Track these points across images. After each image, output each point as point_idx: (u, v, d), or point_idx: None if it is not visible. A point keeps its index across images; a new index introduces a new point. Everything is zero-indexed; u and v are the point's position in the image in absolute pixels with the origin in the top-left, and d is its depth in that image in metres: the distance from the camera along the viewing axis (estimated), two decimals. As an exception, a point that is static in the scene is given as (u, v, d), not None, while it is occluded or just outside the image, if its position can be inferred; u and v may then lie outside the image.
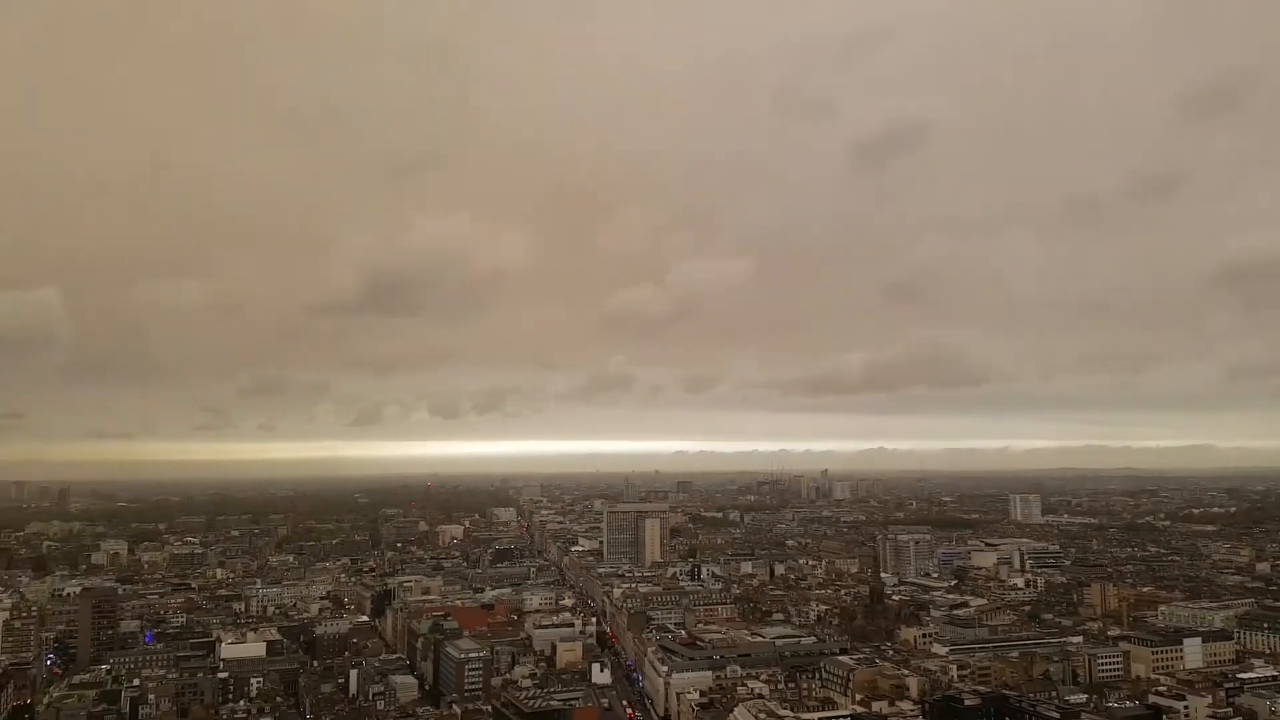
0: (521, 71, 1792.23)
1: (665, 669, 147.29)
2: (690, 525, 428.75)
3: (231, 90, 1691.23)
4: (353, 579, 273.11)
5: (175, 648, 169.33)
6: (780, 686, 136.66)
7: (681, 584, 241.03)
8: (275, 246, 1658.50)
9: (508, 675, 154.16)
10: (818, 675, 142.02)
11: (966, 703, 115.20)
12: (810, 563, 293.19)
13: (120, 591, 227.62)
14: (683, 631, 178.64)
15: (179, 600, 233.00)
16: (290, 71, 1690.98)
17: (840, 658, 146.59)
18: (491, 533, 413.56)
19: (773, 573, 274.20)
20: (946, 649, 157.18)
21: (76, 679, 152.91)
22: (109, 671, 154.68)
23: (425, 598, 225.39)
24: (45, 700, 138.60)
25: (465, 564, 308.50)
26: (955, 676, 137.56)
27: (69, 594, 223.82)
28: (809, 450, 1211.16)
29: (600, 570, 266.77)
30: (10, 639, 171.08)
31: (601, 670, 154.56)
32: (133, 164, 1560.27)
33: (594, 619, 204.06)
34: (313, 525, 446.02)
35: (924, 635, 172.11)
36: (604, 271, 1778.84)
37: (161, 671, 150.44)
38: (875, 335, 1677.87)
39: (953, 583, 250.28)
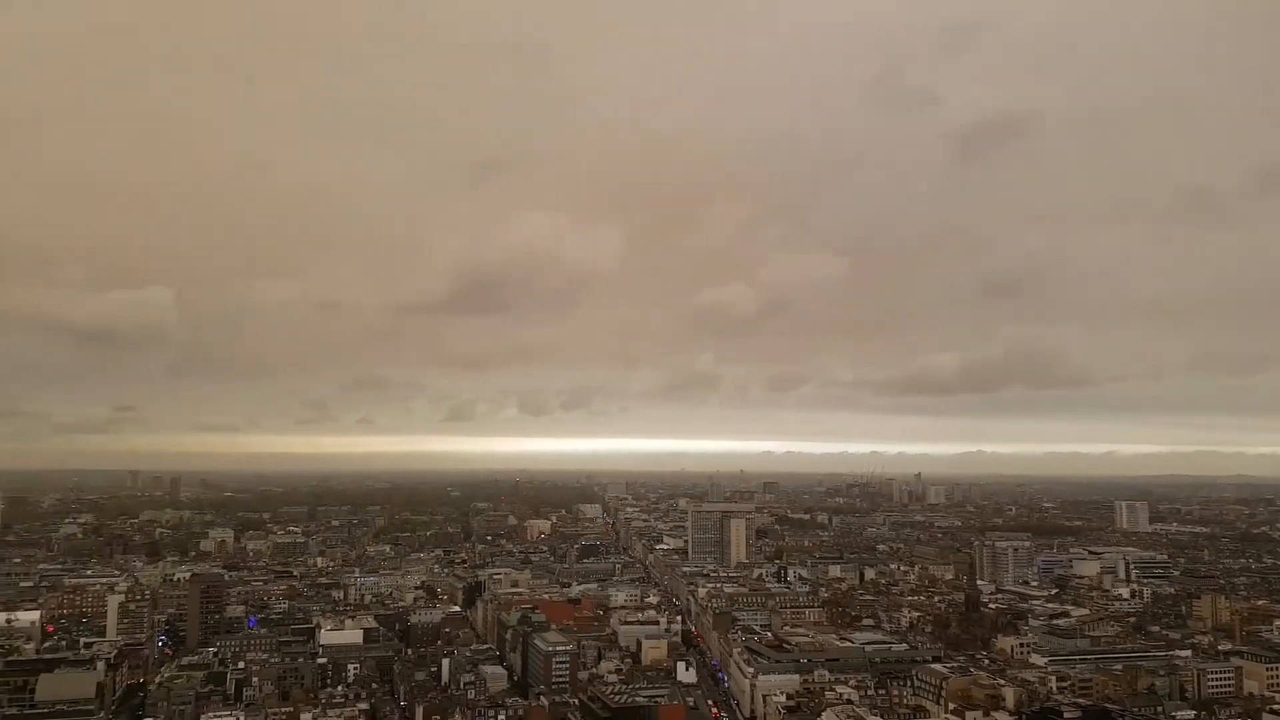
0: (611, 68, 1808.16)
1: (751, 670, 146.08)
2: (776, 527, 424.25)
3: (327, 95, 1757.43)
4: (445, 570, 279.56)
5: (278, 633, 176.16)
6: (870, 693, 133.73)
7: (767, 585, 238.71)
8: (371, 247, 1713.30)
9: (594, 670, 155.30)
10: (909, 683, 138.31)
11: (1066, 716, 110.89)
12: (902, 568, 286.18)
13: (227, 578, 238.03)
14: (769, 633, 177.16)
15: (281, 587, 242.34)
16: (382, 75, 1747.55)
17: (933, 665, 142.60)
18: (578, 528, 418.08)
19: (862, 577, 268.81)
20: (1045, 660, 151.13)
21: (185, 660, 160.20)
22: (215, 654, 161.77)
23: (514, 590, 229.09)
24: (157, 680, 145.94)
25: (552, 558, 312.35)
26: (1054, 688, 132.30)
27: (179, 579, 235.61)
28: (901, 453, 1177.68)
29: (685, 569, 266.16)
30: (125, 620, 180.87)
31: (687, 669, 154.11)
32: (237, 169, 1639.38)
33: (679, 617, 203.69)
34: (408, 517, 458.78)
35: (1022, 645, 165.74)
36: (692, 269, 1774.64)
37: (264, 655, 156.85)
38: (972, 333, 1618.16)
39: (1053, 592, 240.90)
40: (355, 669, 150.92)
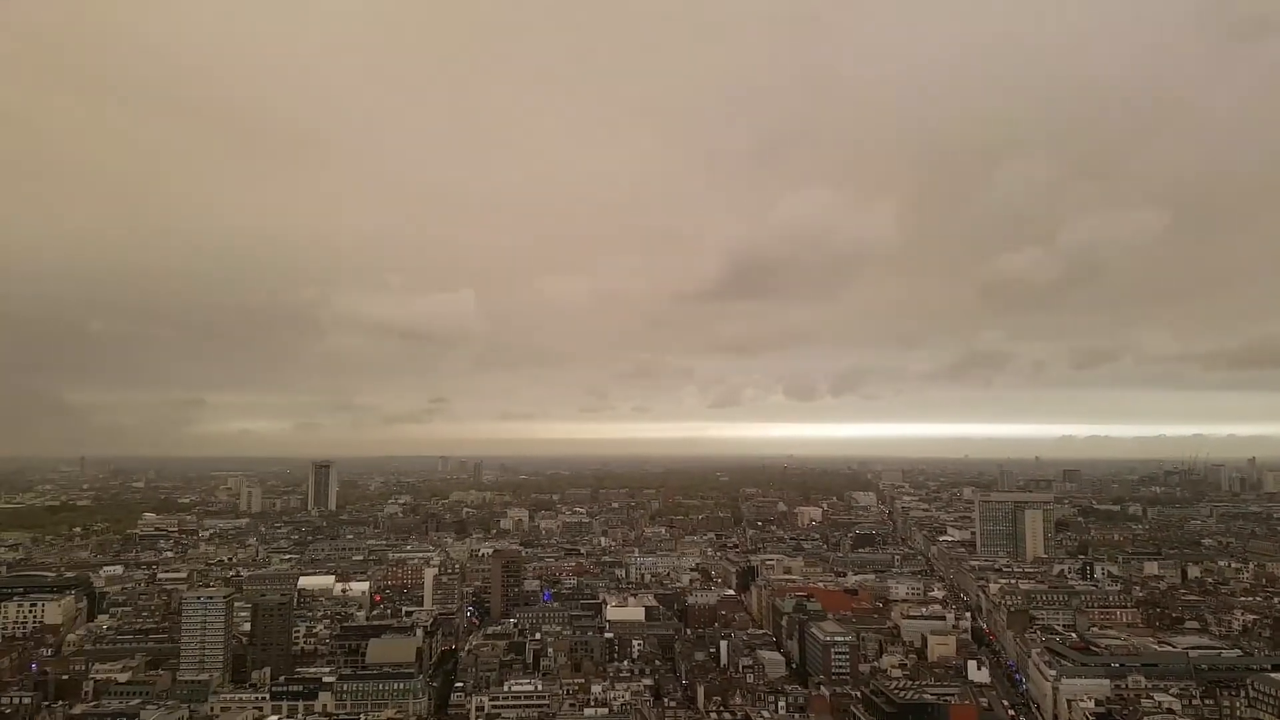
0: (878, 27, 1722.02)
1: (1054, 673, 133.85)
2: (1079, 519, 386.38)
3: (603, 93, 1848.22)
4: (718, 553, 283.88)
5: (569, 607, 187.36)
6: (1195, 703, 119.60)
7: (1070, 583, 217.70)
8: (651, 239, 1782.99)
9: (875, 663, 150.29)
10: (1243, 693, 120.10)
11: None
12: (1233, 565, 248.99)
13: (523, 554, 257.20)
14: (1073, 634, 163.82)
15: (571, 564, 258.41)
16: (651, 62, 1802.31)
17: (1272, 675, 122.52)
18: (851, 516, 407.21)
19: (1185, 575, 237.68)
20: None
21: (490, 630, 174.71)
22: (515, 625, 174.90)
23: (787, 577, 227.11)
24: (466, 647, 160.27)
25: (825, 546, 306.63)
26: None
27: (483, 554, 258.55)
28: (1232, 435, 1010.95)
29: (973, 563, 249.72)
30: (439, 592, 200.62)
31: (979, 668, 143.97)
32: (528, 176, 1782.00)
33: (967, 614, 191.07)
34: (680, 501, 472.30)
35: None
36: (979, 237, 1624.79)
37: (558, 628, 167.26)
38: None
39: None
40: (639, 645, 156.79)
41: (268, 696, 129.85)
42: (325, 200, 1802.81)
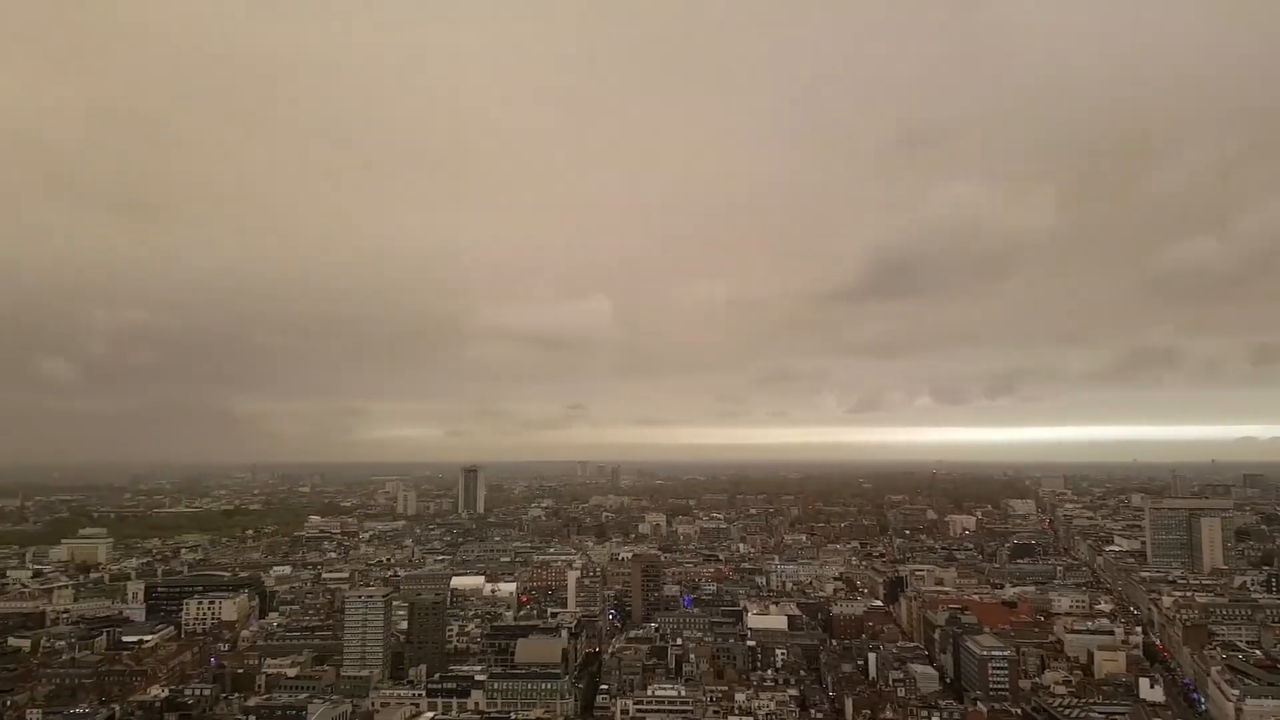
0: (1037, 15, 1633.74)
1: (1237, 693, 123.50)
2: (1263, 526, 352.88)
3: (742, 91, 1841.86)
4: (863, 563, 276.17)
5: (709, 613, 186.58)
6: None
7: (1254, 596, 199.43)
8: (787, 240, 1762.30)
9: (1037, 679, 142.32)
10: None
11: None
12: None
13: (662, 559, 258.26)
14: (1257, 651, 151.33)
15: (710, 570, 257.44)
16: (792, 56, 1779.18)
17: None
18: (1007, 525, 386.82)
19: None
20: None
21: (632, 633, 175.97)
22: (656, 629, 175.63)
23: (939, 588, 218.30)
24: (609, 650, 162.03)
25: (980, 557, 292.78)
26: None
27: (622, 558, 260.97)
28: None
29: (1144, 574, 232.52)
30: (581, 594, 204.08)
31: (1152, 686, 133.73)
32: (663, 180, 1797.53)
33: (1138, 629, 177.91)
34: (821, 508, 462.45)
35: None
36: (1149, 225, 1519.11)
37: (699, 634, 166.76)
38: None
39: None
40: (782, 655, 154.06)
41: (424, 693, 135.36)
42: (471, 212, 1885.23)
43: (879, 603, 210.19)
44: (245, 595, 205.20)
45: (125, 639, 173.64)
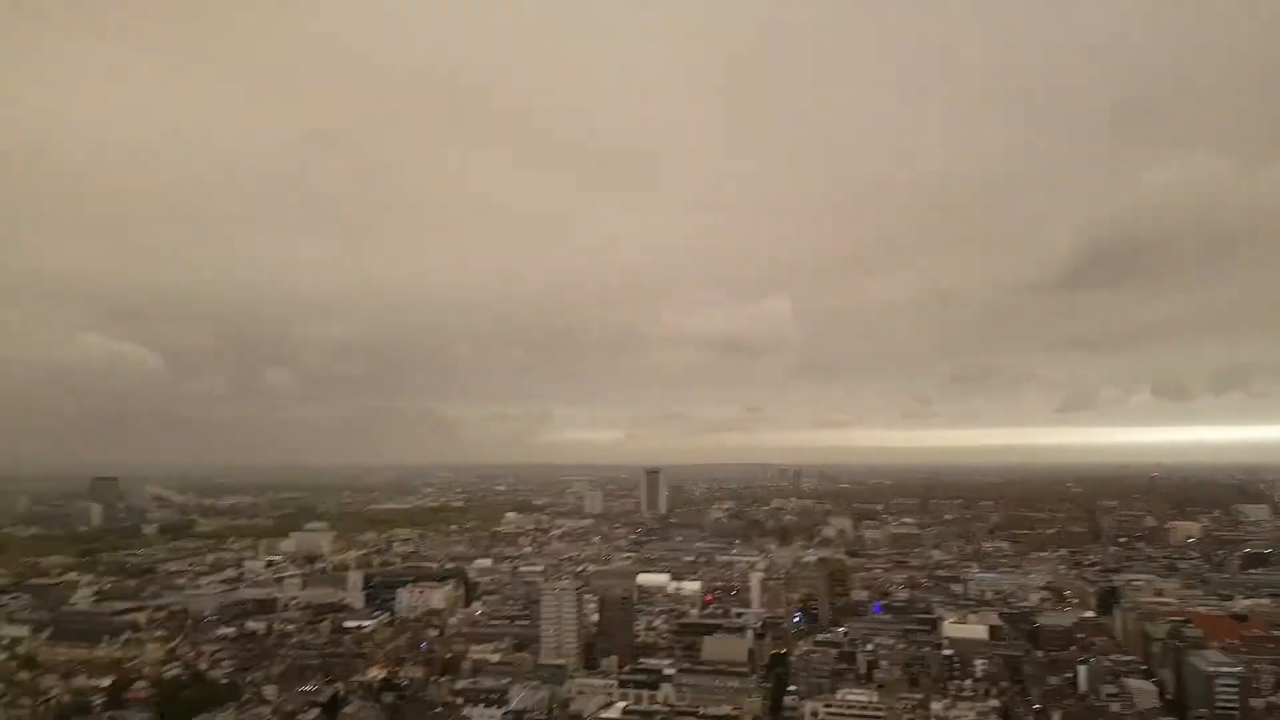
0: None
1: None
2: None
3: (937, 66, 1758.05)
4: (1072, 572, 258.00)
5: (901, 620, 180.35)
6: None
7: None
8: (986, 229, 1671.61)
9: (1271, 698, 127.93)
10: None
11: None
12: None
13: (849, 563, 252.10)
14: None
15: (901, 576, 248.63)
16: (994, 21, 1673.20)
17: None
18: (1238, 533, 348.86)
19: None
20: None
21: (819, 637, 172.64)
22: (845, 634, 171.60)
23: (1158, 600, 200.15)
24: (796, 652, 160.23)
25: (1207, 566, 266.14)
26: None
27: (806, 562, 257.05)
28: None
29: None
30: (765, 595, 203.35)
31: None
32: (855, 173, 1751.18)
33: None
34: (1024, 513, 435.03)
35: None
36: None
37: (891, 641, 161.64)
38: None
39: None
40: (983, 665, 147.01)
41: (616, 684, 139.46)
42: (655, 218, 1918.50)
43: (1090, 614, 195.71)
44: (452, 585, 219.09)
45: (346, 624, 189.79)
